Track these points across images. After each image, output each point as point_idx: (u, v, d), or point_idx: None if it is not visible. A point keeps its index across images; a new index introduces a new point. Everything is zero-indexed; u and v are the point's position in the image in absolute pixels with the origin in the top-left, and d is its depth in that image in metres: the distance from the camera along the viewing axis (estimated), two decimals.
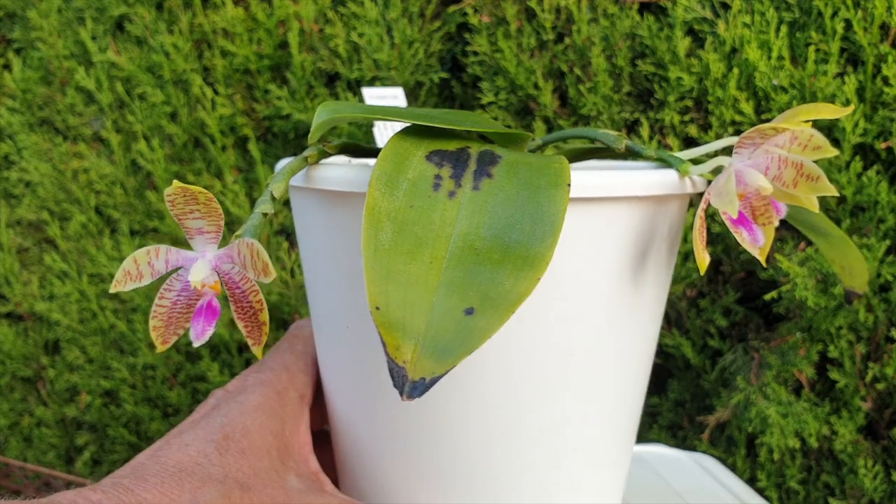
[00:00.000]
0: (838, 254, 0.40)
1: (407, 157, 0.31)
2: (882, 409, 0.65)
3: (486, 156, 0.32)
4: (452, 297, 0.27)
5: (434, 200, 0.29)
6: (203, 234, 0.30)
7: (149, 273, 0.29)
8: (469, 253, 0.28)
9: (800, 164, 0.33)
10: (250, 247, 0.29)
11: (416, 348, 0.25)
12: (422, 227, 0.28)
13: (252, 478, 0.35)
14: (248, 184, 0.79)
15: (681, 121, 0.68)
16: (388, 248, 0.27)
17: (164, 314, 0.30)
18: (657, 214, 0.37)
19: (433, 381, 0.25)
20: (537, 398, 0.36)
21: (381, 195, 0.29)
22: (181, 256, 0.30)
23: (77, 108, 0.82)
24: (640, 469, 0.58)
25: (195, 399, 0.83)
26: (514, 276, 0.27)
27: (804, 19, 0.64)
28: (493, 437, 0.36)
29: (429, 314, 0.26)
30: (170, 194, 0.28)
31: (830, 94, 0.62)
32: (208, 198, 0.28)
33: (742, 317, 0.70)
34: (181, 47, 0.77)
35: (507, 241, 0.28)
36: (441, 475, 0.38)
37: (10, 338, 0.85)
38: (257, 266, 0.29)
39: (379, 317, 0.26)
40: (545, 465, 0.38)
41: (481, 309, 0.26)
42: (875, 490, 0.63)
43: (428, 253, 0.28)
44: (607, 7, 0.70)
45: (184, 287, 0.30)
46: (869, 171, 0.61)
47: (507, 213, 0.29)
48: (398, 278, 0.27)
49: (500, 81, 0.72)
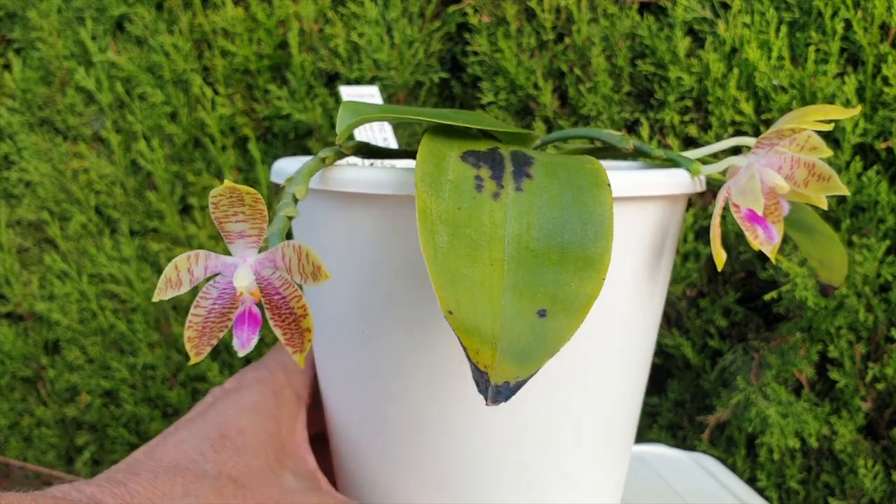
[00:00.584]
0: (819, 249, 0.40)
1: (443, 157, 0.31)
2: (882, 409, 0.65)
3: (520, 156, 0.32)
4: (522, 300, 0.26)
5: (480, 202, 0.29)
6: (244, 238, 0.28)
7: (187, 280, 0.28)
8: (527, 255, 0.28)
9: (812, 164, 0.34)
10: (297, 250, 0.28)
11: (495, 352, 0.25)
12: (474, 229, 0.28)
13: (246, 475, 0.35)
14: (249, 184, 0.79)
15: (681, 121, 0.68)
16: (446, 251, 0.27)
17: (199, 324, 0.29)
18: (671, 214, 0.37)
19: (518, 386, 0.24)
20: (540, 399, 0.36)
21: (428, 197, 0.28)
22: (220, 262, 0.29)
23: (77, 108, 0.82)
24: (640, 469, 0.58)
25: (195, 399, 0.83)
26: (578, 278, 0.27)
27: (804, 19, 0.64)
28: (493, 437, 0.36)
29: (500, 317, 0.26)
30: (216, 195, 0.27)
31: (830, 94, 0.62)
32: (255, 199, 0.27)
33: (742, 317, 0.70)
34: (181, 47, 0.77)
35: (561, 242, 0.28)
36: (441, 475, 0.38)
37: (10, 338, 0.85)
38: (306, 269, 0.28)
39: (453, 321, 0.25)
40: (544, 465, 0.38)
41: (553, 311, 0.26)
42: (875, 490, 0.63)
43: (486, 255, 0.27)
44: (607, 7, 0.70)
45: (220, 294, 0.29)
46: (869, 172, 0.61)
47: (554, 214, 0.29)
48: (463, 282, 0.26)
49: (500, 81, 0.72)
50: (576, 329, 0.26)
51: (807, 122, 0.33)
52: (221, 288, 0.28)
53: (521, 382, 0.25)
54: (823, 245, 0.40)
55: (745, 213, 0.33)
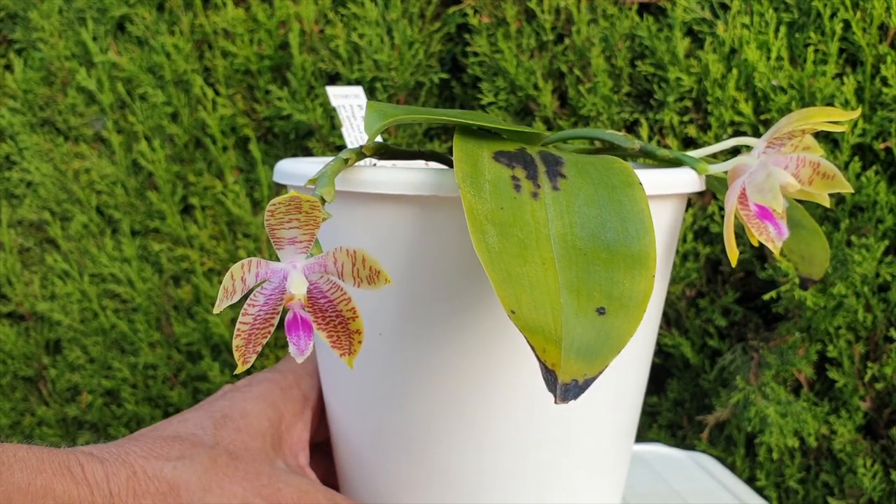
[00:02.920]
0: (802, 244, 0.41)
1: (478, 158, 0.31)
2: (881, 409, 0.65)
3: (548, 156, 0.32)
4: (580, 298, 0.27)
5: (520, 202, 0.29)
6: (294, 244, 0.28)
7: (240, 288, 0.27)
8: (576, 253, 0.28)
9: (817, 163, 0.35)
10: (352, 254, 0.27)
11: (559, 350, 0.25)
12: (519, 228, 0.28)
13: (243, 451, 0.36)
14: (249, 184, 0.79)
15: (680, 121, 0.68)
16: (498, 252, 0.27)
17: (247, 331, 0.28)
18: (680, 212, 0.38)
19: (587, 384, 0.24)
20: (542, 401, 0.36)
21: (472, 197, 0.28)
22: (269, 269, 0.28)
23: (78, 108, 0.82)
24: (639, 469, 0.58)
25: (196, 399, 0.83)
26: (629, 276, 0.27)
27: (803, 20, 0.64)
28: (495, 439, 0.37)
29: (560, 315, 0.26)
30: (275, 204, 0.27)
31: (829, 94, 0.62)
32: (313, 206, 0.27)
33: (741, 317, 0.70)
34: (182, 48, 0.78)
35: (606, 241, 0.28)
36: (443, 476, 0.38)
37: (11, 338, 0.85)
38: (361, 274, 0.27)
39: (517, 321, 0.25)
40: (545, 466, 0.38)
41: (612, 309, 0.26)
42: (874, 489, 0.63)
43: (537, 255, 0.27)
44: (607, 8, 0.70)
45: (266, 301, 0.28)
46: (868, 172, 0.61)
47: (593, 213, 0.29)
48: (520, 281, 0.26)
49: (500, 82, 0.72)
50: (637, 326, 0.26)
51: (813, 123, 0.34)
52: (268, 294, 0.28)
53: (589, 380, 0.25)
54: (807, 240, 0.40)
55: (755, 211, 0.34)
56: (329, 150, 0.76)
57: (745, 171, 0.35)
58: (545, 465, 0.37)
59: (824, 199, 0.36)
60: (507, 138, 0.36)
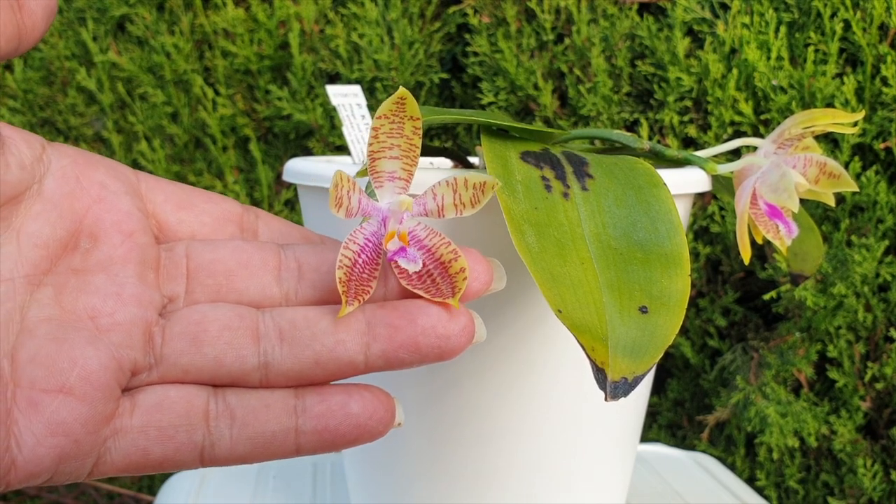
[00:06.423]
0: (796, 241, 0.41)
1: (507, 158, 0.31)
2: (881, 409, 0.65)
3: (573, 157, 0.33)
4: (622, 298, 0.27)
5: (553, 202, 0.29)
6: (394, 181, 0.26)
7: (345, 204, 0.25)
8: (612, 253, 0.28)
9: (823, 163, 0.36)
10: (453, 183, 0.25)
11: (607, 349, 0.25)
12: (555, 228, 0.28)
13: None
14: (249, 184, 0.79)
15: (680, 121, 0.68)
16: (538, 252, 0.27)
17: (349, 267, 0.25)
18: (689, 211, 0.38)
19: (636, 381, 0.25)
20: (548, 400, 0.36)
21: (508, 197, 0.28)
22: (371, 204, 0.26)
23: (78, 108, 0.82)
24: (640, 468, 0.58)
25: None
26: (666, 275, 0.28)
27: (803, 20, 0.64)
28: (505, 437, 0.37)
29: (604, 314, 0.26)
30: (382, 113, 0.25)
31: (829, 94, 0.62)
32: (414, 130, 0.25)
33: (741, 316, 0.70)
34: (182, 48, 0.78)
35: (638, 241, 0.29)
36: (449, 476, 0.38)
37: None
38: (464, 198, 0.25)
39: (564, 320, 0.25)
40: (556, 466, 0.38)
41: (654, 307, 0.27)
42: (874, 489, 0.63)
43: (574, 254, 0.28)
44: (607, 8, 0.70)
45: (364, 244, 0.25)
46: (868, 172, 0.61)
47: (623, 213, 0.29)
48: (563, 280, 0.26)
49: (500, 82, 0.72)
50: (679, 325, 0.26)
51: (822, 125, 0.34)
52: (366, 236, 0.26)
53: (638, 378, 0.25)
54: (801, 237, 0.40)
55: (765, 210, 0.34)
56: (329, 150, 0.76)
57: (753, 171, 0.35)
58: (556, 465, 0.38)
59: (829, 198, 0.36)
60: (525, 138, 0.36)
